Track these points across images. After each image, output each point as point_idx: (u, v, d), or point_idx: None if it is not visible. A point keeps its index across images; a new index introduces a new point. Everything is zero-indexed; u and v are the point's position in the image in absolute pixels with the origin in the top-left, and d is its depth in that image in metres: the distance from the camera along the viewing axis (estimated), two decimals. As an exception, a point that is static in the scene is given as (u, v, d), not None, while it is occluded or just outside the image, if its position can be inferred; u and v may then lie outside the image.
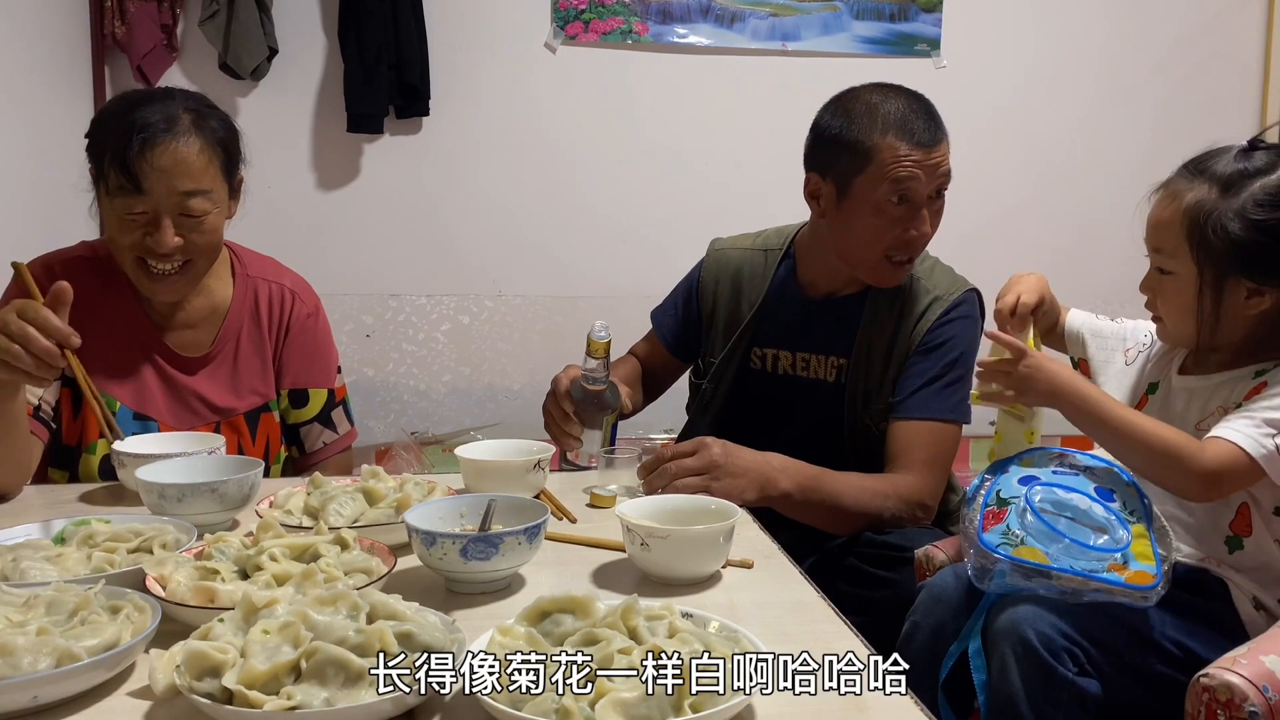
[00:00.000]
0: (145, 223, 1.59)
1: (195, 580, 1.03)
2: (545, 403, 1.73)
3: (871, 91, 1.72)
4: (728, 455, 1.54)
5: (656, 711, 0.78)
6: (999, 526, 1.38)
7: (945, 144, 1.72)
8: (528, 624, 0.92)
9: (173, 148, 1.58)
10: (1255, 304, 1.45)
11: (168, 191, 1.58)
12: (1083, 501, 1.40)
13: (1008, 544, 1.35)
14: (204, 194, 1.61)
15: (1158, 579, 1.31)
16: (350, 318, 3.76)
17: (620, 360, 1.99)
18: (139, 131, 1.56)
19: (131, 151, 1.55)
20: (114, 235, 1.62)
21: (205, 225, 1.63)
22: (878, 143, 1.68)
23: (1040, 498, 1.40)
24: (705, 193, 3.86)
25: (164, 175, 1.57)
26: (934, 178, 1.70)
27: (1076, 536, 1.34)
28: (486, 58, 3.74)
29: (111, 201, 1.59)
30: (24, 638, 0.85)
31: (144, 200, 1.57)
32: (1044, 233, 4.14)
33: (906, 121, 1.67)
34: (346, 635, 0.84)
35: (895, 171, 1.67)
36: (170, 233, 1.59)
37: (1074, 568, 1.31)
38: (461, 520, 1.24)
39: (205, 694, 0.80)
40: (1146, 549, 1.34)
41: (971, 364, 1.79)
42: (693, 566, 1.18)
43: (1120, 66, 4.06)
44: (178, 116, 1.60)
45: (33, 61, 3.09)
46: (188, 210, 1.60)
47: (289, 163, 3.64)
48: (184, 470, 1.39)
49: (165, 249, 1.59)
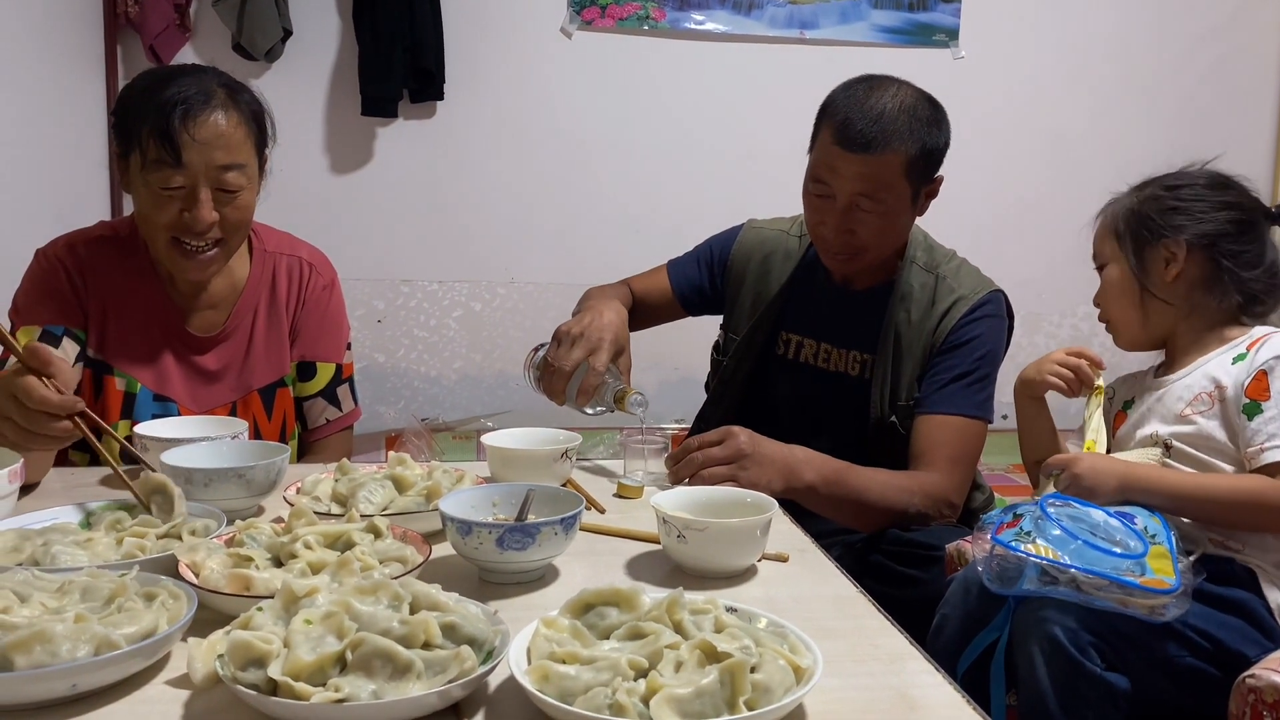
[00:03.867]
0: (182, 198, 1.57)
1: (229, 567, 1.02)
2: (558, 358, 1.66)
3: (860, 82, 1.70)
4: (754, 445, 1.52)
5: (710, 708, 0.77)
6: (1013, 529, 1.37)
7: (876, 160, 1.62)
8: (571, 616, 0.91)
9: (212, 120, 1.56)
10: (1173, 269, 1.60)
11: (206, 164, 1.56)
12: (1099, 516, 1.38)
13: (1021, 541, 1.33)
14: (239, 168, 1.59)
15: (1176, 584, 1.28)
16: (362, 303, 3.74)
17: (611, 288, 1.94)
18: (179, 103, 1.54)
19: (173, 123, 1.53)
20: (148, 212, 1.59)
21: (239, 201, 1.61)
22: (820, 127, 1.70)
23: (1056, 508, 1.39)
24: (720, 181, 3.84)
25: (203, 148, 1.55)
26: (849, 182, 1.65)
27: (1091, 540, 1.33)
28: (501, 42, 3.71)
29: (146, 176, 1.56)
30: (62, 625, 0.83)
31: (182, 173, 1.55)
32: (1059, 226, 4.10)
33: (849, 119, 1.63)
34: (391, 626, 0.82)
35: (816, 157, 1.70)
36: (208, 207, 1.57)
37: (1089, 567, 1.29)
38: (494, 509, 1.23)
39: (250, 685, 0.78)
40: (1166, 566, 1.32)
41: (998, 363, 1.78)
42: (729, 559, 1.17)
43: (1139, 60, 4.04)
44: (214, 90, 1.58)
45: (46, 40, 3.07)
46: (224, 184, 1.58)
47: (302, 146, 3.62)
48: (209, 455, 1.38)
49: (203, 224, 1.57)
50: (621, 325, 1.73)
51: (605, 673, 0.80)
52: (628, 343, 1.75)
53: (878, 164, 1.62)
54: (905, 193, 1.67)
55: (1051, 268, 4.09)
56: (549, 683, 0.80)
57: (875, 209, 1.66)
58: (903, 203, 1.68)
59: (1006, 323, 1.82)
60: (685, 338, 2.51)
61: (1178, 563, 1.32)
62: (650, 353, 1.74)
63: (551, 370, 1.64)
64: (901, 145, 1.62)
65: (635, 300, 1.95)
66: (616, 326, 1.70)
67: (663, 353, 3.70)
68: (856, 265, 1.76)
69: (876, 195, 1.65)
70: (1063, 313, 4.19)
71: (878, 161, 1.62)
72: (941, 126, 1.68)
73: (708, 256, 2.00)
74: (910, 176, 1.65)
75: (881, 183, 1.64)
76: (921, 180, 1.69)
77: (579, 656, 0.83)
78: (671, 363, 3.81)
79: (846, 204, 1.66)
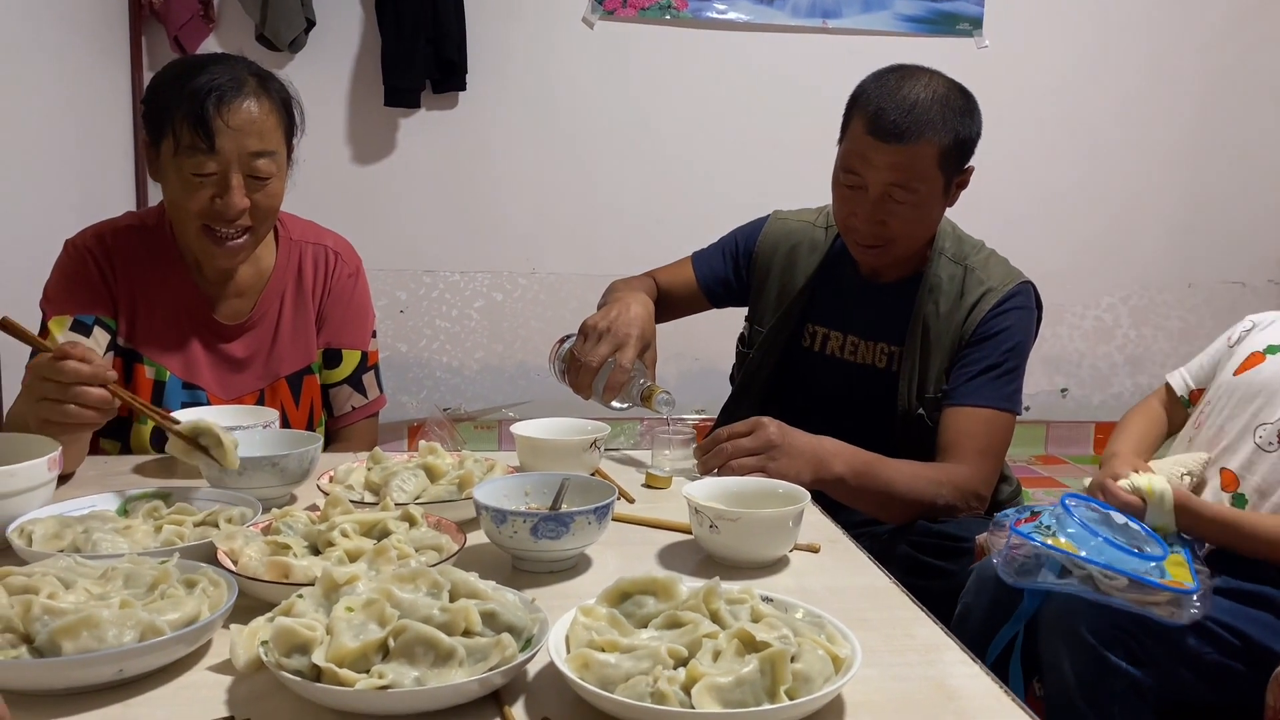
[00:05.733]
0: (214, 184, 1.58)
1: (266, 555, 1.03)
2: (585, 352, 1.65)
3: (891, 71, 1.69)
4: (784, 436, 1.52)
5: (751, 697, 0.77)
6: (1032, 524, 1.36)
7: (910, 150, 1.61)
8: (609, 605, 0.91)
9: (245, 107, 1.57)
10: None
11: (239, 151, 1.57)
12: (1119, 518, 1.38)
13: (1040, 534, 1.33)
14: (270, 155, 1.60)
15: (1195, 585, 1.28)
16: (384, 293, 3.76)
17: (636, 280, 1.95)
18: (212, 90, 1.55)
19: (207, 109, 1.54)
20: (179, 199, 1.60)
21: (270, 188, 1.62)
22: (852, 117, 1.69)
23: (1077, 506, 1.38)
24: (742, 171, 3.83)
25: (236, 134, 1.56)
26: (880, 172, 1.64)
27: (1111, 539, 1.32)
28: (524, 32, 3.71)
29: (179, 163, 1.57)
30: (108, 611, 0.84)
31: (215, 159, 1.56)
32: (1085, 215, 4.10)
33: (882, 109, 1.62)
34: (432, 614, 0.83)
35: (847, 148, 1.69)
36: (240, 193, 1.58)
37: (1109, 564, 1.28)
38: (526, 499, 1.23)
39: (294, 671, 0.79)
40: (1184, 574, 1.31)
41: (1026, 355, 1.77)
42: (762, 550, 1.17)
43: (1165, 48, 4.00)
44: (245, 78, 1.59)
45: (72, 32, 3.08)
46: (255, 171, 1.59)
47: (325, 137, 3.64)
48: (242, 444, 1.38)
49: (235, 210, 1.58)
50: (648, 319, 1.73)
51: (645, 661, 0.81)
52: (654, 337, 1.74)
53: (911, 154, 1.62)
54: (938, 183, 1.66)
55: (1075, 259, 4.07)
56: (589, 670, 0.80)
57: (908, 199, 1.66)
58: (935, 193, 1.68)
59: (1035, 314, 1.81)
60: (706, 328, 2.51)
61: (1195, 570, 1.31)
62: (671, 343, 1.73)
63: (578, 365, 1.64)
64: (935, 135, 1.61)
65: (660, 292, 1.94)
66: (643, 320, 1.70)
67: (683, 343, 3.71)
68: (886, 257, 1.75)
69: (909, 185, 1.64)
70: (1085, 304, 4.17)
71: (911, 151, 1.61)
72: (974, 116, 1.68)
73: (733, 248, 1.99)
74: (943, 167, 1.65)
75: (915, 173, 1.63)
76: (953, 171, 1.68)
77: (618, 645, 0.83)
78: (692, 353, 3.81)
79: (879, 194, 1.66)
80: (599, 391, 1.63)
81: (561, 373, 1.71)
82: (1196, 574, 1.30)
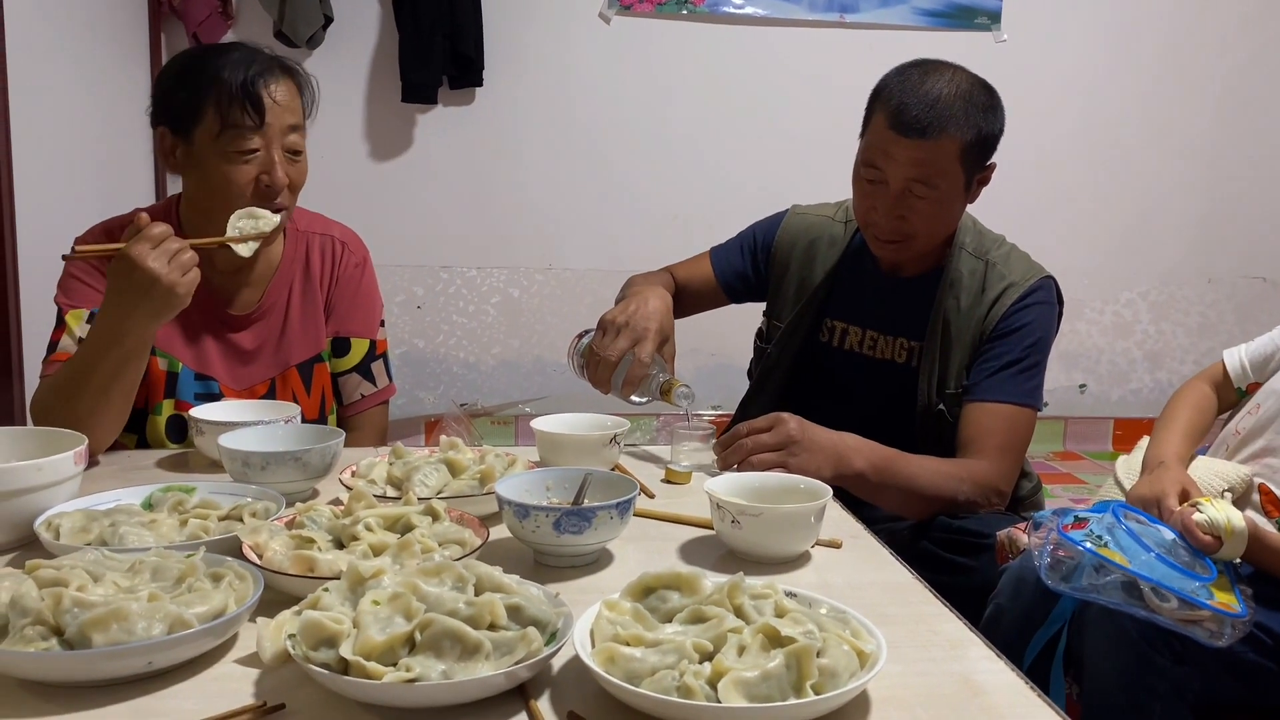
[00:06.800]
0: (260, 162, 1.61)
1: (291, 549, 1.03)
2: (603, 347, 1.66)
3: (914, 66, 1.68)
4: (804, 432, 1.52)
5: (777, 691, 0.77)
6: (1081, 531, 1.33)
7: (931, 146, 1.60)
8: (632, 599, 0.91)
9: (283, 81, 1.63)
10: None
11: (280, 126, 1.62)
12: (1169, 534, 1.35)
13: (1092, 543, 1.30)
14: (300, 130, 1.66)
15: (1243, 611, 1.25)
16: (401, 289, 3.77)
17: (654, 275, 1.95)
18: (252, 66, 1.59)
19: (255, 86, 1.58)
20: (223, 183, 1.61)
21: (301, 164, 1.67)
22: (874, 111, 1.68)
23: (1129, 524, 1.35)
24: (759, 166, 3.83)
25: (278, 109, 1.61)
26: (902, 167, 1.63)
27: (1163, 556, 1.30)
28: (540, 28, 3.71)
29: (222, 145, 1.59)
30: (137, 604, 0.85)
31: (261, 135, 1.60)
32: (1104, 210, 4.07)
33: (905, 103, 1.61)
34: (457, 608, 0.83)
35: (868, 142, 1.68)
36: (283, 167, 1.63)
37: (1154, 578, 1.26)
38: (547, 493, 1.23)
39: (321, 664, 0.80)
40: (1230, 597, 1.29)
41: (1048, 350, 1.75)
42: (784, 545, 1.17)
43: (1185, 43, 3.97)
44: (268, 57, 1.64)
45: (91, 29, 3.10)
46: (292, 146, 1.64)
47: (342, 133, 3.65)
48: (264, 438, 1.39)
49: (281, 184, 1.62)
50: (666, 313, 1.72)
51: (670, 655, 0.81)
52: (672, 331, 1.74)
53: (933, 149, 1.61)
54: (959, 179, 1.66)
55: (1094, 254, 4.05)
56: (615, 665, 0.81)
57: (928, 195, 1.65)
58: (956, 189, 1.67)
59: (1057, 309, 1.80)
60: (721, 323, 2.50)
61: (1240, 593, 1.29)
62: (686, 339, 1.73)
63: (596, 360, 1.64)
64: (957, 131, 1.61)
65: (678, 288, 1.94)
66: (661, 315, 1.70)
67: (699, 338, 3.70)
68: (906, 253, 1.74)
69: (930, 181, 1.64)
70: (1105, 299, 4.14)
71: (933, 147, 1.61)
72: (997, 113, 1.67)
73: (751, 243, 1.99)
74: (964, 163, 1.64)
75: (936, 168, 1.63)
76: (975, 167, 1.67)
77: (643, 639, 0.83)
78: (708, 348, 3.81)
79: (899, 189, 1.65)
80: (618, 386, 1.63)
81: (580, 368, 1.71)
82: (1241, 597, 1.29)
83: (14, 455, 1.25)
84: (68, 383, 1.48)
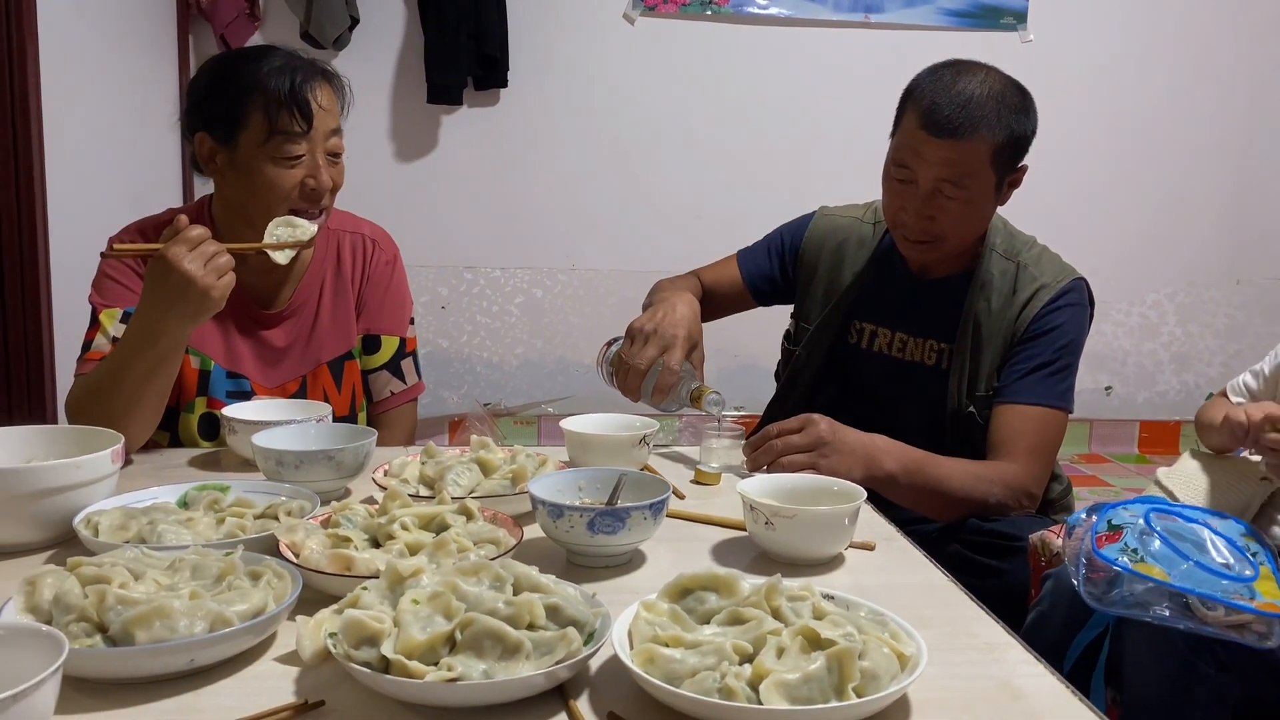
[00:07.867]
0: (305, 166, 1.63)
1: (328, 548, 1.04)
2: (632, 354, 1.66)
3: (947, 66, 1.67)
4: (835, 433, 1.51)
5: (818, 693, 0.77)
6: (1115, 544, 1.30)
7: (962, 146, 1.59)
8: (670, 600, 0.91)
9: (324, 86, 1.64)
10: None
11: (324, 130, 1.63)
12: (1204, 533, 1.33)
13: (1127, 558, 1.29)
14: (339, 132, 1.67)
15: None
16: (426, 289, 3.78)
17: (681, 280, 1.95)
18: (296, 73, 1.60)
19: (303, 91, 1.59)
20: (268, 190, 1.62)
21: (340, 166, 1.69)
22: (905, 110, 1.68)
23: (1161, 526, 1.34)
24: (783, 167, 3.82)
25: (323, 113, 1.63)
26: (933, 168, 1.62)
27: (1201, 561, 1.28)
28: (565, 29, 3.72)
29: (270, 151, 1.60)
30: (179, 601, 0.85)
31: (306, 140, 1.61)
32: (1130, 210, 4.04)
33: (936, 103, 1.60)
34: (497, 607, 0.83)
35: (899, 141, 1.67)
36: (327, 170, 1.64)
37: (1198, 590, 1.24)
38: (580, 494, 1.23)
39: (362, 663, 0.80)
40: (1274, 590, 1.27)
41: (1079, 352, 1.74)
42: (817, 547, 1.17)
43: (1211, 45, 3.94)
44: (305, 60, 1.65)
45: (120, 32, 3.13)
46: (333, 149, 1.66)
47: (368, 133, 3.66)
48: (297, 437, 1.40)
49: (325, 188, 1.64)
50: (694, 319, 1.72)
51: (711, 657, 0.81)
52: (701, 337, 1.74)
53: (964, 150, 1.60)
54: (989, 181, 1.65)
55: (1120, 254, 4.02)
56: (655, 665, 0.81)
57: (958, 196, 1.64)
58: (986, 191, 1.66)
59: (1088, 311, 1.79)
60: (745, 326, 2.49)
61: None
62: (710, 341, 1.72)
63: (626, 367, 1.64)
64: (989, 132, 1.60)
65: (705, 291, 1.94)
66: (690, 321, 1.69)
67: (723, 340, 3.70)
68: (935, 254, 1.74)
69: (960, 182, 1.63)
70: (1131, 301, 4.11)
71: (964, 147, 1.60)
72: (1029, 114, 1.66)
73: (779, 245, 1.98)
74: (996, 164, 1.63)
75: (966, 169, 1.62)
76: (1006, 169, 1.66)
77: (683, 640, 0.83)
78: (732, 350, 3.80)
79: (929, 189, 1.64)
80: (648, 394, 1.63)
81: (610, 376, 1.71)
82: None
83: (52, 453, 1.26)
84: (102, 382, 1.49)
